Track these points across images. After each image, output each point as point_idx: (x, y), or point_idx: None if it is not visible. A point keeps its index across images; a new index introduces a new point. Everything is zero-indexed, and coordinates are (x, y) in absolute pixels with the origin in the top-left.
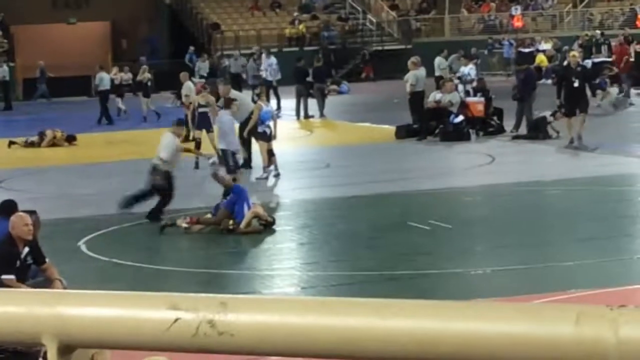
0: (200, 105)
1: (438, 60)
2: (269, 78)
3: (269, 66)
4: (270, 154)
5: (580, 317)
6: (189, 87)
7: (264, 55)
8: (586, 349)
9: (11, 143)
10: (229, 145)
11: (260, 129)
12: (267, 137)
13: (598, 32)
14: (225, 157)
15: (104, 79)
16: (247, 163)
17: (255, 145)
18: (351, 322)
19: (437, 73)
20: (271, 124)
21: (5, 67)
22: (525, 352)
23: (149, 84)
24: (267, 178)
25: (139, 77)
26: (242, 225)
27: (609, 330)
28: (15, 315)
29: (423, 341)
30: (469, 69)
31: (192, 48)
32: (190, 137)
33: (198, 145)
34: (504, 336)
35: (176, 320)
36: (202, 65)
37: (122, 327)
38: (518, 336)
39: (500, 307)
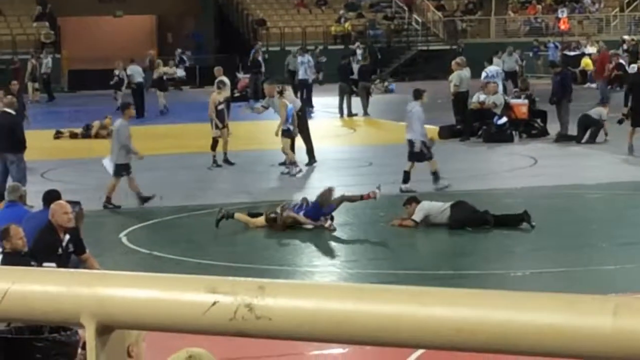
0: (220, 103)
1: (495, 65)
2: (303, 76)
3: (301, 64)
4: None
5: (618, 308)
6: (223, 82)
7: (298, 54)
8: (624, 341)
9: (58, 133)
10: (417, 136)
11: (284, 127)
12: (291, 134)
13: None
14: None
15: (137, 72)
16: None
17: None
18: (389, 308)
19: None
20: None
21: (49, 59)
22: (563, 343)
23: (165, 78)
24: (293, 174)
25: (155, 72)
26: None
27: None
28: (55, 294)
29: (462, 329)
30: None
31: (259, 44)
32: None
33: (215, 144)
34: (542, 326)
35: (214, 303)
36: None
37: (160, 309)
38: (556, 326)
39: (539, 297)
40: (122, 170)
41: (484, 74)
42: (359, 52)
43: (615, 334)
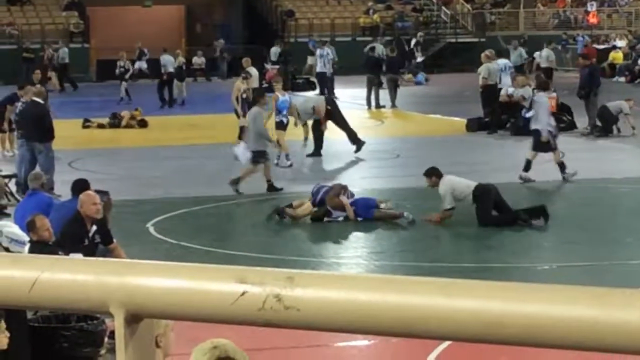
0: (244, 91)
1: (545, 52)
2: (322, 69)
3: (320, 57)
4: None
5: None
6: (253, 72)
7: (317, 46)
8: None
9: (86, 122)
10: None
11: (277, 119)
12: (284, 126)
13: None
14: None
15: (169, 62)
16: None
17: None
18: (417, 300)
19: (543, 65)
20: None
21: (65, 49)
22: (592, 337)
23: (184, 67)
24: (284, 166)
25: (175, 62)
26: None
27: None
28: (84, 283)
29: (489, 322)
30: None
31: (314, 35)
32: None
33: (242, 133)
34: (571, 319)
35: (243, 293)
36: (274, 51)
37: (189, 299)
38: (585, 320)
39: (568, 290)
40: (259, 157)
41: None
42: (378, 46)
43: None
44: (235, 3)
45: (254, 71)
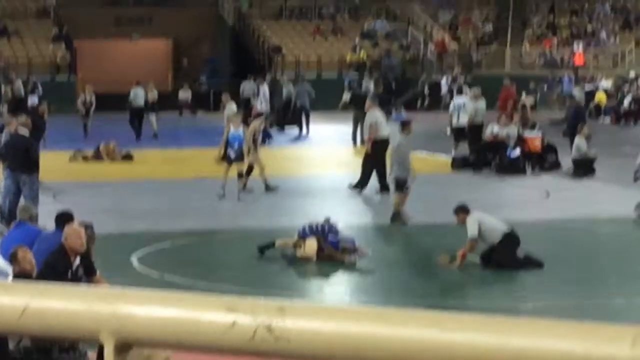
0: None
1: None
2: (304, 104)
3: (301, 93)
4: (239, 175)
5: (637, 338)
6: (231, 108)
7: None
8: None
9: (77, 153)
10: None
11: (229, 152)
12: (230, 160)
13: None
14: None
15: (138, 95)
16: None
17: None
18: (408, 333)
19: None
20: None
21: (19, 82)
22: None
23: (155, 101)
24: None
25: (149, 96)
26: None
27: None
28: (75, 311)
29: (480, 355)
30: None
31: (345, 74)
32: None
33: (250, 170)
34: (559, 354)
35: (234, 323)
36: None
37: (179, 328)
38: (573, 354)
39: (558, 325)
40: (402, 184)
41: (451, 106)
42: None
43: None
44: (222, 38)
45: (232, 106)
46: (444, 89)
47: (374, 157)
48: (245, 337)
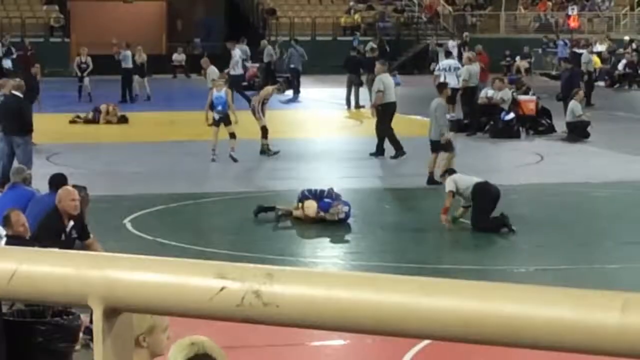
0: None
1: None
2: (296, 66)
3: (292, 55)
4: (231, 136)
5: (626, 304)
6: (213, 71)
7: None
8: (631, 336)
9: (77, 118)
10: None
11: (214, 114)
12: (216, 123)
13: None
14: None
15: (127, 57)
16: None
17: None
18: (397, 298)
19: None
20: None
21: None
22: (569, 338)
23: (145, 64)
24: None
25: (136, 58)
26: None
27: None
28: (63, 275)
29: (468, 321)
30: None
31: (357, 33)
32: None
33: (265, 132)
34: (548, 320)
35: (222, 289)
36: (270, 50)
37: (167, 293)
38: (562, 321)
39: (547, 291)
40: (437, 146)
41: (437, 67)
42: (369, 44)
43: (621, 330)
44: (217, 0)
45: (213, 70)
46: (454, 51)
47: (388, 121)
48: (233, 303)
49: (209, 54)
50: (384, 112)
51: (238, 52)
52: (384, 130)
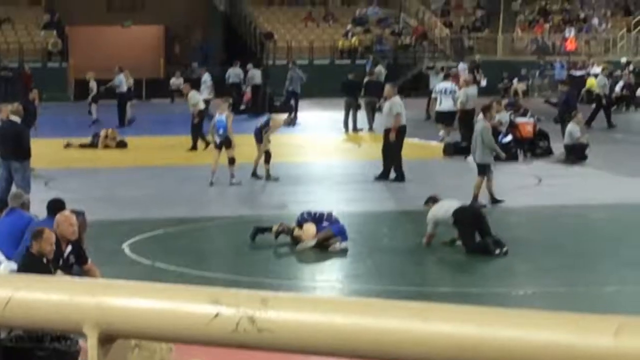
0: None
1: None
2: (295, 89)
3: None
4: (230, 162)
5: (620, 328)
6: (193, 96)
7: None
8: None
9: (68, 144)
10: None
11: (215, 137)
12: (218, 146)
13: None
14: None
15: (121, 82)
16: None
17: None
18: (392, 323)
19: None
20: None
21: None
22: None
23: (132, 89)
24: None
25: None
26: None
27: None
28: (59, 302)
29: (464, 346)
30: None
31: (370, 56)
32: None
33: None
34: (544, 344)
35: (217, 315)
36: (255, 73)
37: (163, 320)
38: (558, 345)
39: (540, 315)
40: (484, 169)
41: (434, 91)
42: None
43: (615, 353)
44: (214, 25)
45: (193, 95)
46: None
47: (398, 145)
48: (228, 329)
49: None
50: (397, 136)
51: (208, 77)
52: (394, 155)
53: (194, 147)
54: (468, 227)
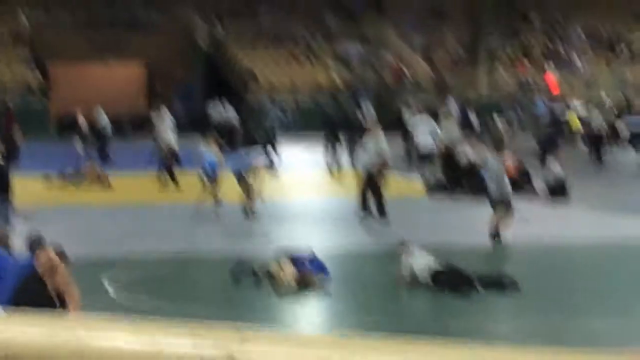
0: None
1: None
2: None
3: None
4: (215, 199)
5: None
6: (166, 138)
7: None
8: None
9: (47, 179)
10: None
11: (203, 175)
12: (205, 182)
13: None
14: None
15: (106, 122)
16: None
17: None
18: None
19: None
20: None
21: None
22: None
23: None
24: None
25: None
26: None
27: None
28: (36, 340)
29: None
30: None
31: (363, 93)
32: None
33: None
34: None
35: (196, 353)
36: (230, 111)
37: (142, 358)
38: None
39: (522, 352)
40: (500, 203)
41: (414, 130)
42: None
43: None
44: (197, 63)
45: (166, 135)
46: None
47: (379, 183)
48: None
49: (189, 116)
50: (381, 173)
51: (168, 116)
52: (381, 190)
53: (173, 183)
54: (445, 284)
